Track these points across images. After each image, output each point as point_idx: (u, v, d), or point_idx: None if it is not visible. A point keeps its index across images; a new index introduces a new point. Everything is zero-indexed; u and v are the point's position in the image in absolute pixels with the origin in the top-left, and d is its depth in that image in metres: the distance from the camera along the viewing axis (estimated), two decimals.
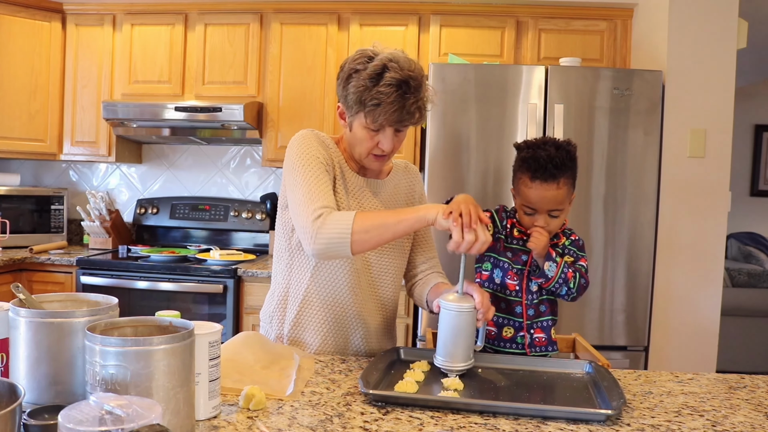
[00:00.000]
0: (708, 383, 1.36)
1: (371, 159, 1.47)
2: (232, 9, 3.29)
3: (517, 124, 2.68)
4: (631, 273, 2.71)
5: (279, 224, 1.57)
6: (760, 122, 6.03)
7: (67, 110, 3.42)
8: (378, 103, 1.35)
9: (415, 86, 1.37)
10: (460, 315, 1.31)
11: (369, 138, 1.42)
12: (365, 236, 1.30)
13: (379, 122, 1.38)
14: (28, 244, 3.28)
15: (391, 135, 1.42)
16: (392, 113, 1.36)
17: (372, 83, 1.36)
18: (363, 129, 1.42)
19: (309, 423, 1.03)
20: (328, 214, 1.32)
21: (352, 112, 1.42)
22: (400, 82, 1.35)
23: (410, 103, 1.36)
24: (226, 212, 3.53)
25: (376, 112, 1.36)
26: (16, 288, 1.02)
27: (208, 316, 2.90)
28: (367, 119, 1.39)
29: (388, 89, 1.34)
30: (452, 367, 1.31)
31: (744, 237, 5.45)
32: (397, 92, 1.34)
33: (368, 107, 1.37)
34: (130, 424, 0.72)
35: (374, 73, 1.36)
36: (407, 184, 1.64)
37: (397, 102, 1.35)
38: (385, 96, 1.34)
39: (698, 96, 2.77)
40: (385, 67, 1.36)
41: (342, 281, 1.50)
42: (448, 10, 3.16)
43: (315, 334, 1.52)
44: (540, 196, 1.48)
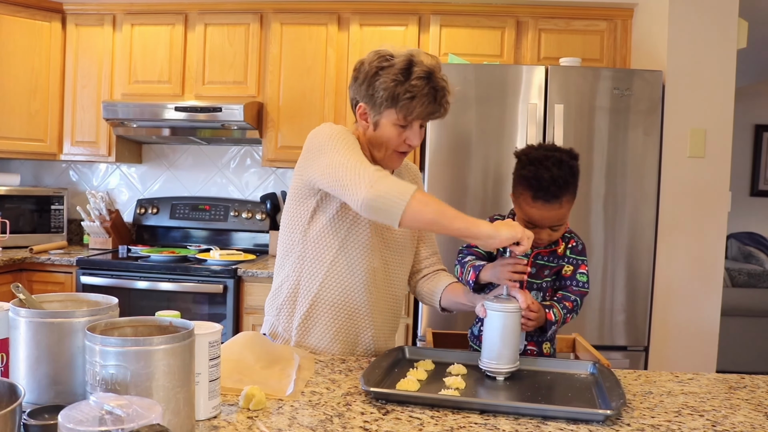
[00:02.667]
0: (708, 383, 1.36)
1: (395, 156, 1.48)
2: (232, 9, 3.29)
3: (517, 124, 2.68)
4: (631, 273, 2.71)
5: (290, 218, 1.54)
6: (760, 122, 6.03)
7: (67, 110, 3.42)
8: (412, 96, 1.36)
9: (440, 78, 1.40)
10: (507, 316, 1.32)
11: (397, 135, 1.43)
12: (423, 209, 1.26)
13: (413, 116, 1.39)
14: (28, 244, 3.28)
15: (418, 129, 1.43)
16: (427, 105, 1.37)
17: (404, 77, 1.37)
18: (392, 126, 1.42)
19: (309, 423, 1.03)
20: (389, 176, 1.30)
21: (380, 109, 1.42)
22: (429, 74, 1.37)
23: (440, 96, 1.39)
24: (226, 212, 3.53)
25: (410, 106, 1.37)
26: (16, 288, 1.02)
27: (208, 316, 2.90)
28: (398, 115, 1.40)
29: (420, 82, 1.36)
30: (501, 369, 1.31)
31: (744, 237, 5.45)
32: (428, 84, 1.37)
33: (402, 101, 1.37)
34: (130, 424, 0.72)
35: (403, 67, 1.37)
36: (407, 180, 1.64)
37: (431, 94, 1.37)
38: (418, 89, 1.36)
39: (698, 96, 2.77)
40: (411, 62, 1.38)
41: (358, 279, 1.49)
42: (448, 10, 3.16)
43: (325, 331, 1.52)
44: (542, 216, 1.46)
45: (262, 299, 2.90)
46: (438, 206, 1.28)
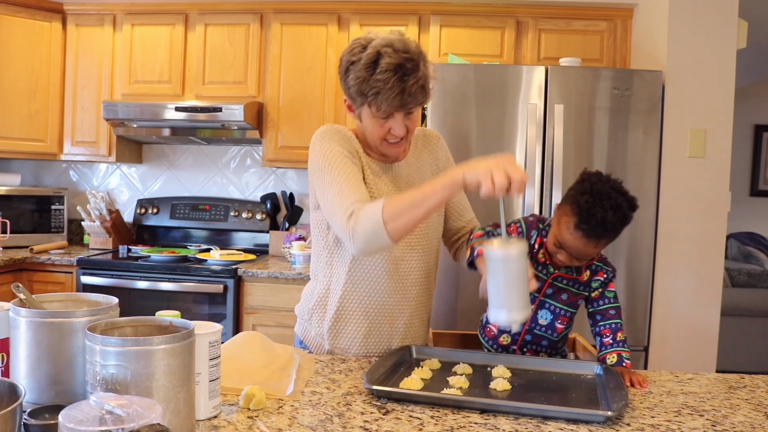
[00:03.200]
0: (708, 383, 1.36)
1: (386, 146, 1.45)
2: (232, 9, 3.29)
3: (517, 124, 2.68)
4: (631, 273, 2.71)
5: (313, 223, 1.57)
6: (760, 122, 6.02)
7: (67, 110, 3.42)
8: (378, 92, 1.33)
9: (412, 67, 1.33)
10: (510, 257, 1.18)
11: (379, 126, 1.41)
12: (399, 222, 1.26)
13: (384, 109, 1.36)
14: (28, 244, 3.28)
15: (401, 120, 1.39)
16: (393, 98, 1.33)
17: (369, 73, 1.33)
18: (371, 118, 1.40)
19: (309, 423, 1.03)
20: (359, 210, 1.30)
21: (357, 104, 1.41)
22: (396, 66, 1.31)
23: (410, 85, 1.33)
24: (226, 212, 3.53)
25: (378, 100, 1.34)
26: (16, 288, 1.02)
27: (208, 316, 2.90)
28: (371, 108, 1.37)
29: (385, 75, 1.31)
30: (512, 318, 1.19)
31: (744, 237, 5.45)
32: (394, 77, 1.31)
33: (369, 97, 1.34)
34: (130, 423, 0.72)
35: (369, 62, 1.33)
36: (429, 154, 1.61)
37: (397, 86, 1.32)
38: (382, 83, 1.32)
39: (698, 96, 2.77)
40: (379, 54, 1.33)
41: (380, 272, 1.49)
42: (448, 10, 3.16)
43: (356, 331, 1.52)
44: (574, 246, 1.40)
45: (263, 299, 2.91)
46: (407, 205, 1.26)
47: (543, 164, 2.68)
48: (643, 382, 1.33)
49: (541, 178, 2.66)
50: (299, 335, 1.63)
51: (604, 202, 1.36)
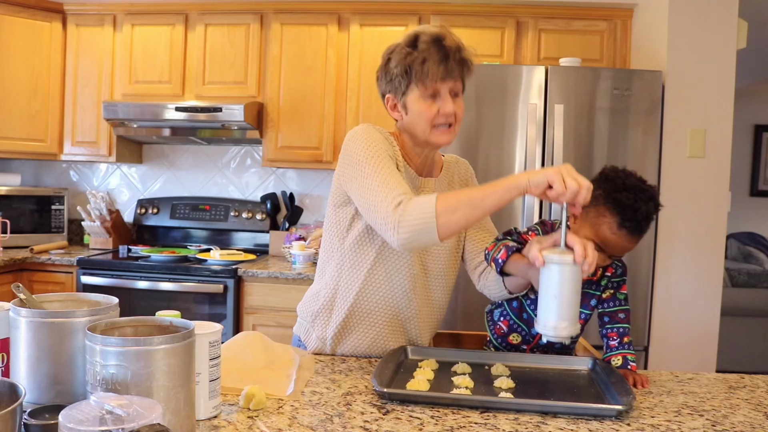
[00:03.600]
0: (708, 383, 1.36)
1: (437, 133, 1.40)
2: (232, 9, 3.29)
3: (517, 124, 2.68)
4: (631, 273, 2.69)
5: (331, 223, 1.51)
6: (760, 122, 6.02)
7: (67, 110, 3.42)
8: (423, 60, 1.34)
9: (450, 40, 1.37)
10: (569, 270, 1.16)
11: (427, 108, 1.38)
12: (452, 217, 1.22)
13: (431, 78, 1.34)
14: (28, 244, 3.28)
15: (448, 97, 1.37)
16: (439, 63, 1.33)
17: (411, 48, 1.37)
18: (419, 100, 1.38)
19: (309, 423, 1.03)
20: (408, 201, 1.26)
21: (402, 89, 1.39)
22: (435, 37, 1.36)
23: (453, 52, 1.35)
24: (226, 212, 3.53)
25: (424, 70, 1.34)
26: (16, 288, 1.02)
27: (208, 316, 2.90)
28: (419, 85, 1.36)
29: (426, 45, 1.35)
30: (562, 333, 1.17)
31: (744, 237, 5.45)
32: (436, 46, 1.35)
33: (415, 69, 1.35)
34: (130, 423, 0.72)
35: (409, 40, 1.38)
36: (460, 179, 1.60)
37: (441, 52, 1.34)
38: (425, 52, 1.34)
39: (698, 96, 2.77)
40: (416, 34, 1.39)
41: (398, 286, 1.46)
42: (448, 10, 3.16)
43: (361, 339, 1.50)
44: (619, 245, 1.37)
45: (263, 299, 2.91)
46: (464, 200, 1.23)
47: (543, 164, 2.68)
48: (645, 381, 1.34)
49: None
50: (299, 335, 1.60)
51: (640, 195, 1.34)
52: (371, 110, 3.20)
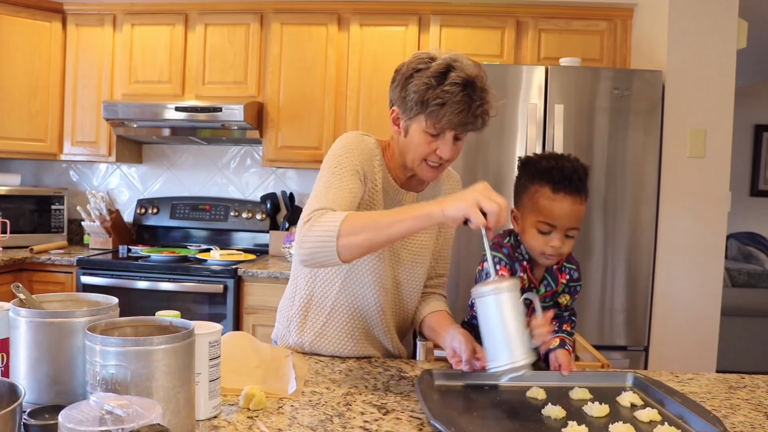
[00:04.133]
0: (708, 383, 1.36)
1: (425, 168, 1.36)
2: (232, 9, 3.29)
3: (517, 124, 2.68)
4: (631, 273, 2.71)
5: None
6: (760, 122, 6.02)
7: (67, 110, 3.42)
8: (443, 103, 1.25)
9: (481, 88, 1.29)
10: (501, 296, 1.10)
11: (426, 143, 1.32)
12: (354, 239, 1.15)
13: (442, 124, 1.27)
14: (28, 244, 3.28)
15: (450, 141, 1.31)
16: (457, 114, 1.26)
17: (437, 81, 1.26)
18: (421, 134, 1.32)
19: (309, 423, 1.03)
20: (320, 216, 1.20)
21: (410, 114, 1.32)
22: (467, 81, 1.27)
23: (476, 106, 1.27)
24: (226, 212, 3.53)
25: (440, 113, 1.26)
26: (16, 288, 1.02)
27: (208, 316, 2.90)
28: (427, 122, 1.29)
29: (453, 88, 1.25)
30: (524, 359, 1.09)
31: (744, 237, 5.45)
32: (463, 92, 1.26)
33: (431, 107, 1.26)
34: (130, 424, 0.72)
35: (439, 71, 1.27)
36: (448, 192, 1.55)
37: (464, 102, 1.26)
38: (450, 95, 1.25)
39: (698, 96, 2.77)
40: (450, 67, 1.28)
41: (370, 299, 1.45)
42: (448, 10, 3.16)
43: (337, 346, 1.49)
44: (563, 210, 1.32)
45: (263, 299, 2.91)
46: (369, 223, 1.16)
47: None
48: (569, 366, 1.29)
49: None
50: (277, 339, 1.59)
51: (559, 158, 1.36)
52: (371, 110, 3.20)
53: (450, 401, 1.16)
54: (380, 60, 3.16)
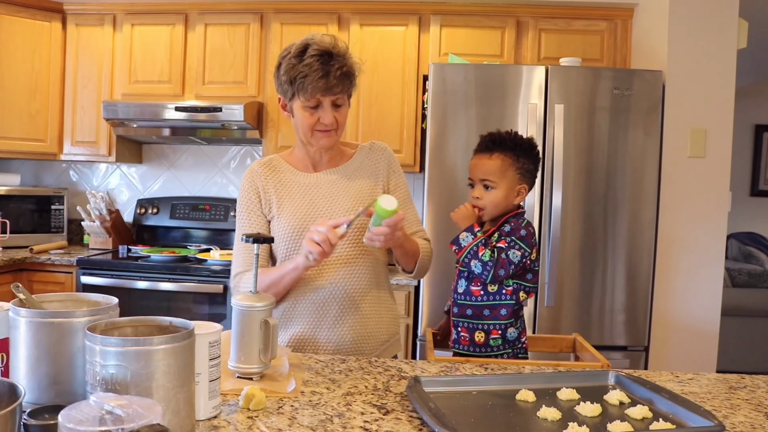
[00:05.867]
0: (708, 383, 1.36)
1: (318, 136, 1.52)
2: (232, 9, 3.29)
3: (517, 124, 2.68)
4: (631, 273, 2.71)
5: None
6: (760, 122, 6.02)
7: (67, 110, 3.42)
8: (305, 75, 1.43)
9: (336, 54, 1.46)
10: (243, 314, 1.22)
11: (309, 116, 1.49)
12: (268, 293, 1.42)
13: (309, 93, 1.44)
14: (28, 244, 3.28)
15: (329, 108, 1.48)
16: (318, 80, 1.43)
17: (297, 60, 1.45)
18: (301, 109, 1.49)
19: (309, 423, 1.03)
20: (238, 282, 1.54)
21: (288, 96, 1.51)
22: (322, 52, 1.44)
23: (335, 69, 1.44)
24: (226, 212, 3.53)
25: (305, 84, 1.43)
26: (16, 288, 1.02)
27: (208, 316, 2.90)
28: (301, 97, 1.47)
29: (311, 59, 1.43)
30: (246, 369, 1.21)
31: (744, 237, 5.45)
32: (320, 61, 1.43)
33: (298, 82, 1.45)
34: (130, 424, 0.72)
35: (298, 51, 1.46)
36: (371, 164, 1.64)
37: (322, 69, 1.43)
38: (309, 67, 1.43)
39: (698, 96, 2.77)
40: (306, 45, 1.46)
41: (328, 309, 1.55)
42: (449, 10, 3.16)
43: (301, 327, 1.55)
44: (473, 165, 1.63)
45: None
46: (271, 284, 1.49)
47: (543, 164, 2.68)
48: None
49: (541, 178, 2.66)
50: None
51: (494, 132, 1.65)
52: (371, 110, 3.20)
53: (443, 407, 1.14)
54: (380, 60, 3.16)
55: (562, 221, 2.66)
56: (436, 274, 2.67)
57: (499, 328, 1.59)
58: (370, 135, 3.19)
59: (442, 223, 2.68)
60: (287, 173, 1.61)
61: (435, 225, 2.69)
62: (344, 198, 1.57)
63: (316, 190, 1.58)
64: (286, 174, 1.61)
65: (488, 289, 1.59)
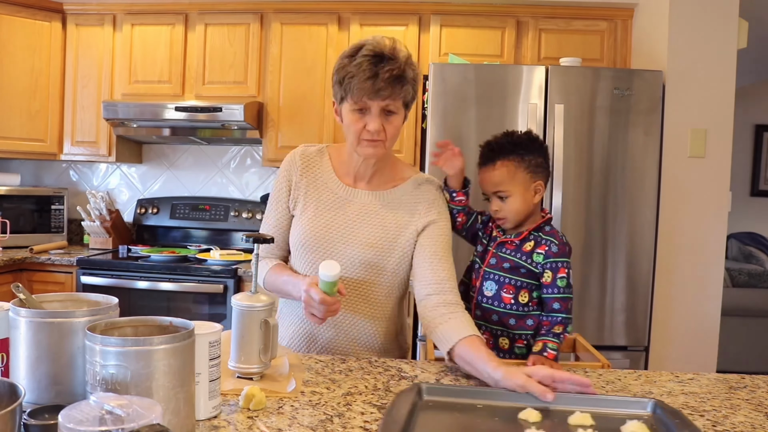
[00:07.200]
0: (708, 383, 1.36)
1: (363, 145, 1.43)
2: (232, 9, 3.29)
3: (517, 124, 2.68)
4: (631, 273, 2.71)
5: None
6: (760, 122, 6.02)
7: (67, 110, 3.42)
8: (353, 75, 1.36)
9: (390, 56, 1.36)
10: (243, 314, 1.22)
11: (356, 121, 1.41)
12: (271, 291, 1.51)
13: (355, 94, 1.37)
14: (28, 244, 3.28)
15: (376, 114, 1.38)
16: (364, 81, 1.34)
17: (349, 60, 1.39)
18: (349, 113, 1.41)
19: (309, 423, 1.03)
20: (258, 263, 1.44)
21: (338, 98, 1.44)
22: (375, 53, 1.36)
23: (384, 71, 1.34)
24: (226, 212, 3.53)
25: (351, 84, 1.36)
26: (16, 288, 1.02)
27: (208, 316, 2.90)
28: (349, 98, 1.39)
29: (361, 59, 1.36)
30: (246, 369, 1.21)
31: (744, 237, 5.45)
32: (369, 62, 1.35)
33: (345, 83, 1.38)
34: (130, 424, 0.72)
35: (351, 51, 1.40)
36: (411, 201, 1.52)
37: (370, 70, 1.35)
38: (356, 67, 1.36)
39: (698, 96, 2.77)
40: (361, 45, 1.40)
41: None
42: (449, 10, 3.16)
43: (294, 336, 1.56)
44: (483, 181, 1.57)
45: None
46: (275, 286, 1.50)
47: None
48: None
49: None
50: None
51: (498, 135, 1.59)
52: None
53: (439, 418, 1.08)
54: None
55: (562, 221, 2.66)
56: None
57: (524, 338, 1.55)
58: None
59: None
60: (325, 175, 1.53)
61: None
62: (368, 227, 1.48)
63: (344, 206, 1.50)
64: (323, 176, 1.53)
65: (519, 299, 1.52)
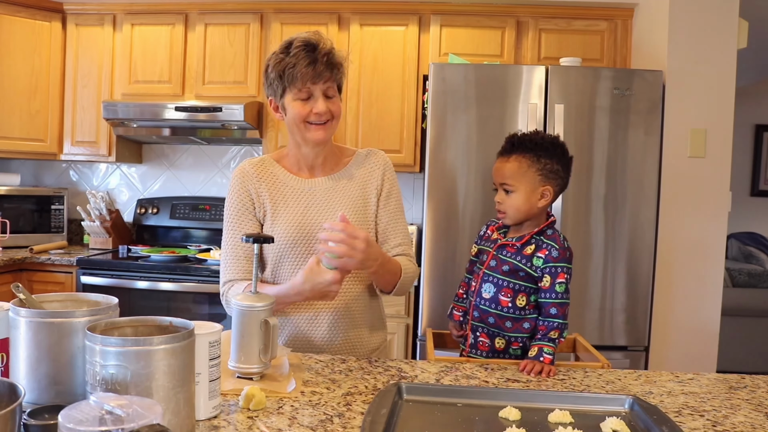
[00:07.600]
0: (708, 383, 1.36)
1: (313, 130, 1.49)
2: (232, 9, 3.29)
3: (517, 124, 2.68)
4: (631, 273, 2.70)
5: None
6: (760, 122, 6.02)
7: (67, 110, 3.42)
8: (294, 65, 1.44)
9: (322, 46, 1.46)
10: (243, 314, 1.23)
11: (301, 108, 1.48)
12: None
13: (300, 82, 1.44)
14: (28, 244, 3.28)
15: (321, 98, 1.47)
16: (306, 66, 1.43)
17: (284, 54, 1.47)
18: (293, 102, 1.48)
19: (309, 423, 1.03)
20: (228, 290, 1.52)
21: (279, 92, 1.50)
22: (306, 44, 1.46)
23: (322, 56, 1.45)
24: None
25: (294, 74, 1.44)
26: (16, 288, 1.02)
27: (208, 316, 2.90)
28: (292, 89, 1.46)
29: (297, 50, 1.45)
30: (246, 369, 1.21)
31: (744, 237, 5.45)
32: (305, 51, 1.45)
33: (287, 74, 1.45)
34: (130, 424, 0.72)
35: (283, 47, 1.49)
36: (366, 172, 1.61)
37: (308, 57, 1.44)
38: (294, 57, 1.45)
39: (698, 96, 2.77)
40: (291, 40, 1.49)
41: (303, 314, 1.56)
42: (449, 10, 3.16)
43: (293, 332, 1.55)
44: (495, 170, 1.60)
45: None
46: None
47: None
48: (552, 372, 1.36)
49: None
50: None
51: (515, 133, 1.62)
52: (371, 110, 3.20)
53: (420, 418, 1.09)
54: (380, 60, 3.16)
55: (562, 221, 2.66)
56: (437, 273, 2.67)
57: (520, 340, 1.54)
58: (370, 135, 3.19)
59: (442, 223, 2.68)
60: (281, 176, 1.57)
61: (435, 225, 2.69)
62: (339, 206, 1.54)
63: (311, 196, 1.55)
64: (280, 177, 1.57)
65: (516, 303, 1.52)
